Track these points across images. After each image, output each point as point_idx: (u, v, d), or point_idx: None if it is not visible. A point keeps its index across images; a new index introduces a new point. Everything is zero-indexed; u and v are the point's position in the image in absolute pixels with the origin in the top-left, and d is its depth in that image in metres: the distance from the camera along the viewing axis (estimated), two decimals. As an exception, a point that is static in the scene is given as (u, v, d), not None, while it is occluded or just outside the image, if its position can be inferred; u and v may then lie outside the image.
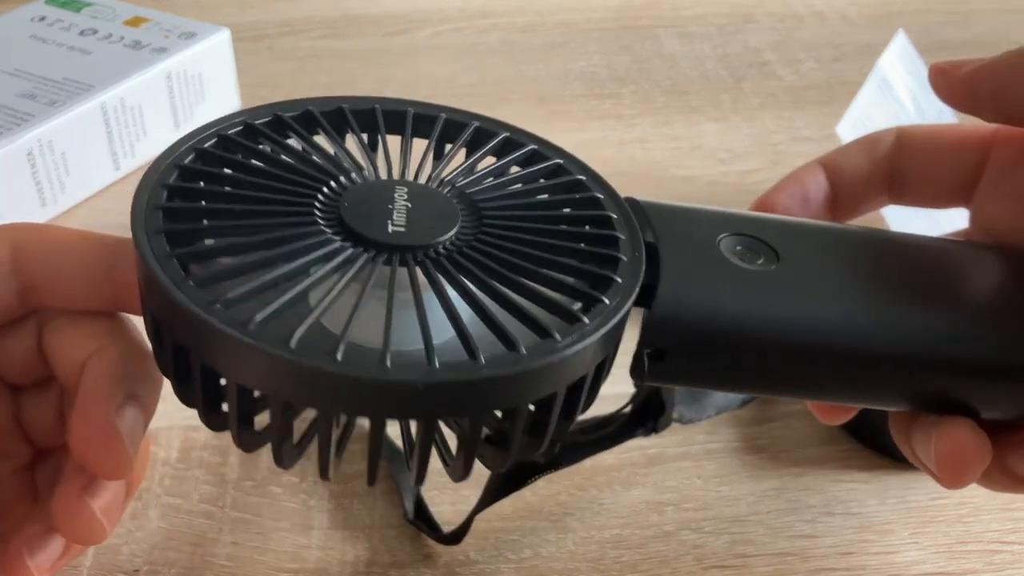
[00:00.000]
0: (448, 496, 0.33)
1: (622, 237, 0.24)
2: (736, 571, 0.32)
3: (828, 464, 0.35)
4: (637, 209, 0.25)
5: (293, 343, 0.19)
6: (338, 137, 0.25)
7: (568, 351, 0.20)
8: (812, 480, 0.35)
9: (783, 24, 0.67)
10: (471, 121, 0.26)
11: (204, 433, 0.35)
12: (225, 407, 0.22)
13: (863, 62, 0.60)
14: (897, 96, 0.48)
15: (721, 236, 0.25)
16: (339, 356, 0.19)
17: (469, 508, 0.32)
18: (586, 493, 0.34)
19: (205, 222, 0.22)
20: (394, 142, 0.26)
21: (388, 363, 0.19)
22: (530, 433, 0.22)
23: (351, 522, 0.33)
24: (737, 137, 0.54)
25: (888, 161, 0.32)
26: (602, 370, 0.23)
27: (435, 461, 0.22)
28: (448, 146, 0.26)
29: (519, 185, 0.25)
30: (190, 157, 0.23)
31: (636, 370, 0.25)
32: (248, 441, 0.22)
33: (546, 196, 0.25)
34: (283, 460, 0.22)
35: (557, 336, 0.20)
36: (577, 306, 0.22)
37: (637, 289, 0.22)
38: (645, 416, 0.33)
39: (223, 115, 0.25)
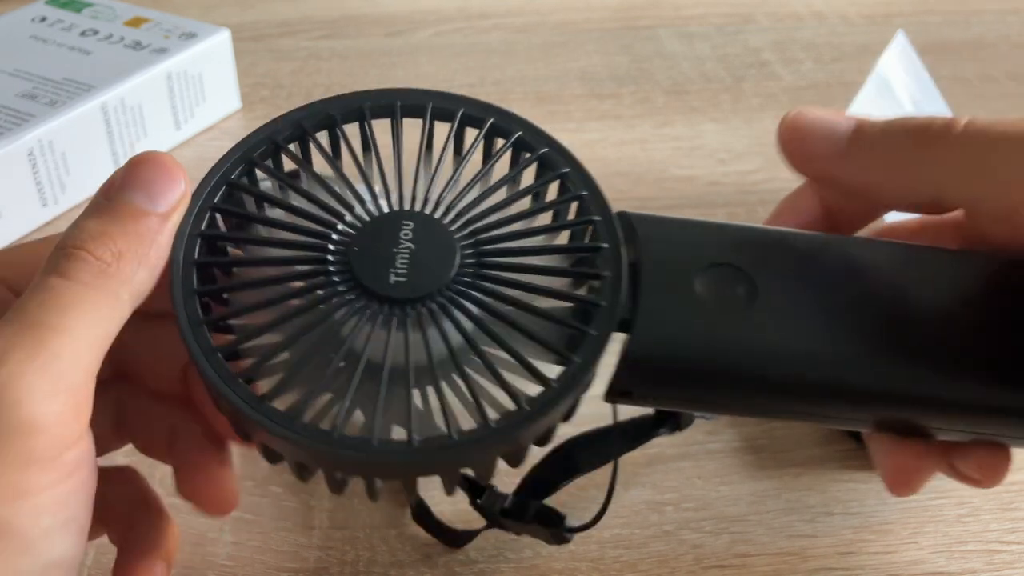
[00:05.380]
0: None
1: (606, 275, 0.24)
2: (736, 571, 0.32)
3: (828, 464, 0.35)
4: (627, 225, 0.26)
5: (335, 434, 0.22)
6: (357, 158, 0.26)
7: (536, 423, 0.23)
8: (812, 480, 0.35)
9: (783, 24, 0.67)
10: (487, 116, 0.26)
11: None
12: None
13: (863, 62, 0.60)
14: (896, 97, 0.48)
15: (701, 266, 0.25)
16: (374, 443, 0.22)
17: (470, 508, 0.32)
18: (586, 493, 0.34)
19: (233, 300, 0.24)
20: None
21: (414, 443, 0.22)
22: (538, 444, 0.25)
23: (351, 522, 0.33)
24: (737, 137, 0.54)
25: None
26: (577, 404, 0.25)
27: None
28: (459, 132, 0.27)
29: (518, 206, 0.26)
30: (206, 219, 0.24)
31: (609, 398, 0.26)
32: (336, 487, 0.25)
33: (543, 220, 0.26)
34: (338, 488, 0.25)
35: (526, 407, 0.23)
36: (555, 360, 0.24)
37: (606, 344, 0.24)
38: (669, 414, 0.33)
39: (223, 153, 0.25)
